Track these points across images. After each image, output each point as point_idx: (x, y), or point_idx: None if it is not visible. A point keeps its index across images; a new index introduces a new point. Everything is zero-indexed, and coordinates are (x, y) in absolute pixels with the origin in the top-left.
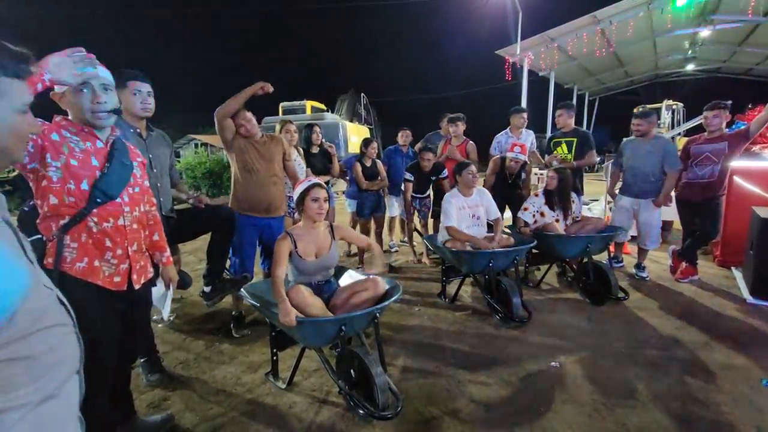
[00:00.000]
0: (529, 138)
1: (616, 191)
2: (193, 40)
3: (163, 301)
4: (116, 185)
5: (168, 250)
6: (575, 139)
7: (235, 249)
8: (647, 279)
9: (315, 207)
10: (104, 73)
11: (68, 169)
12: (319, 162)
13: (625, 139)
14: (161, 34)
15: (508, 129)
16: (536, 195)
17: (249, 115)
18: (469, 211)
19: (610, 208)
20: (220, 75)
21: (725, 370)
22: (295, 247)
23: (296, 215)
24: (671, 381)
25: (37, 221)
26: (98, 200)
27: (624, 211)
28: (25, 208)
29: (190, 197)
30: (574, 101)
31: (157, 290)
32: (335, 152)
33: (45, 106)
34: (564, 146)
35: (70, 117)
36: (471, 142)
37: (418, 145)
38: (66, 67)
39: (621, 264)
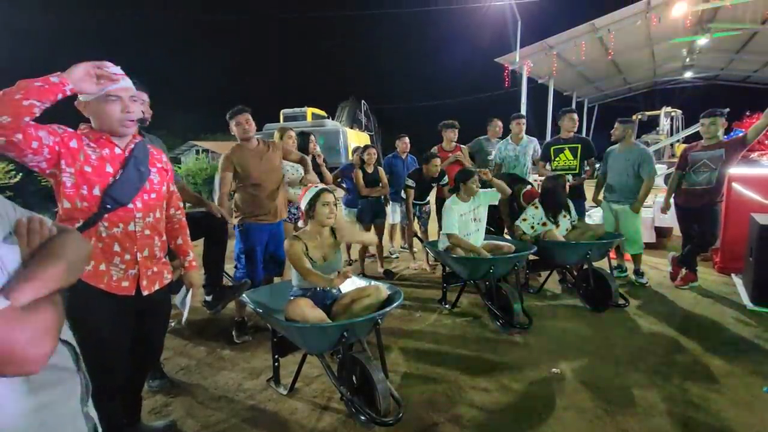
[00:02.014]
0: (530, 145)
1: (600, 198)
2: (195, 46)
3: (184, 303)
4: (128, 192)
5: (191, 254)
6: (579, 146)
7: (247, 257)
8: (647, 284)
9: (326, 212)
10: (131, 84)
11: (82, 175)
12: (314, 170)
13: (609, 148)
14: (163, 40)
15: (509, 137)
16: (535, 207)
17: (249, 117)
18: (471, 215)
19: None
20: (222, 81)
21: (726, 376)
22: (306, 250)
23: (300, 222)
24: (672, 387)
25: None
26: (108, 206)
27: (609, 217)
28: (56, 210)
29: (203, 204)
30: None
31: (180, 293)
32: (322, 161)
33: (67, 113)
34: (568, 152)
35: (93, 125)
36: (463, 146)
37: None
38: (89, 79)
39: (625, 274)
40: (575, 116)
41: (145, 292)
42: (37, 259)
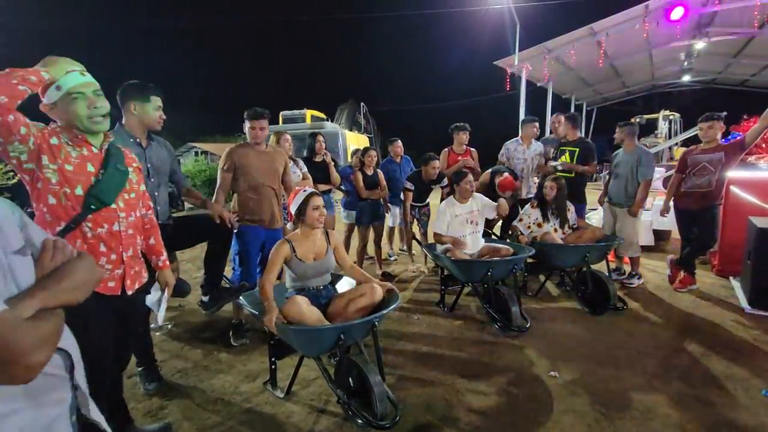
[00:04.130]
0: (538, 149)
1: (605, 200)
2: (194, 49)
3: (158, 305)
4: (111, 191)
5: (165, 253)
6: (577, 149)
7: (242, 259)
8: (635, 286)
9: (316, 215)
10: (93, 79)
11: (63, 173)
12: (321, 171)
13: (616, 151)
14: (162, 42)
15: (518, 137)
16: (533, 206)
17: (265, 124)
18: (467, 217)
19: None
20: (221, 83)
21: (724, 379)
22: (294, 251)
23: (289, 224)
24: (670, 391)
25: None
26: (92, 206)
27: (608, 219)
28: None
29: (205, 204)
30: (572, 111)
31: (153, 294)
32: (330, 160)
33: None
34: (567, 155)
35: (60, 125)
36: (473, 149)
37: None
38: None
39: (624, 276)
40: (569, 122)
41: (129, 292)
42: (51, 274)
